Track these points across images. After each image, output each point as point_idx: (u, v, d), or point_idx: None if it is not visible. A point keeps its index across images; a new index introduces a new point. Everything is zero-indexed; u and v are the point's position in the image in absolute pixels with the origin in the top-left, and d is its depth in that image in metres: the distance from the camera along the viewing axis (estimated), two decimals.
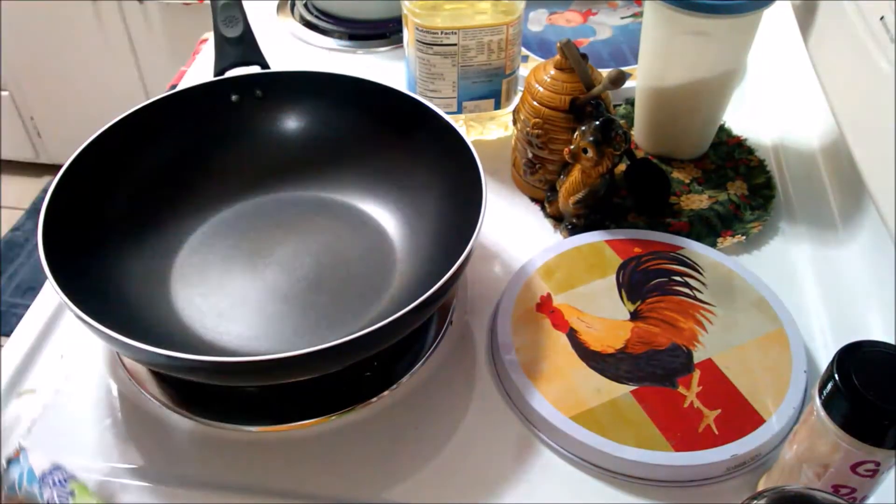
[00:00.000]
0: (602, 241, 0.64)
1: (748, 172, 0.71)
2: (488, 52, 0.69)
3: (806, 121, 0.77)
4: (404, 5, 0.68)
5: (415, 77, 0.71)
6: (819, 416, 0.41)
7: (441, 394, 0.55)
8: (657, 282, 0.60)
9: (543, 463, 0.51)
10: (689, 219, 0.67)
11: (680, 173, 0.72)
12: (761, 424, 0.51)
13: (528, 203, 0.70)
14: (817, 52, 0.63)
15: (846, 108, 0.57)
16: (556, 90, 0.64)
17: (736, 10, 0.62)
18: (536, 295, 0.59)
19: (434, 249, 0.61)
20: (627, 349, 0.56)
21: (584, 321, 0.58)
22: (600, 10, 0.91)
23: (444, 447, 0.53)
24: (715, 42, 0.64)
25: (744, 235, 0.65)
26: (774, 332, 0.57)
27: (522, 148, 0.68)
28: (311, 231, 0.64)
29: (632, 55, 0.83)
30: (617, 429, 0.51)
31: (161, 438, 0.53)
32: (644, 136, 0.74)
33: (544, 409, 0.52)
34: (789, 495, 0.35)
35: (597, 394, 0.53)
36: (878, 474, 0.41)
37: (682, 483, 0.50)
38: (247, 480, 0.50)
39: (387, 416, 0.54)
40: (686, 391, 0.53)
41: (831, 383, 0.40)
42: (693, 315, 0.58)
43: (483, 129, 0.75)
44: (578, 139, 0.61)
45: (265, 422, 0.54)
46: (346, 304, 0.59)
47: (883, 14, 0.51)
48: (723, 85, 0.68)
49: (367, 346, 0.50)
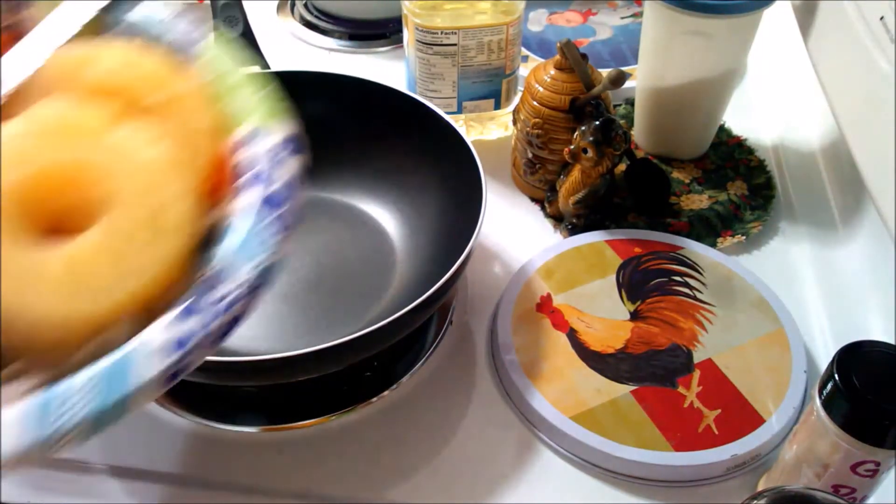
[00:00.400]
0: (602, 241, 0.64)
1: (748, 172, 0.71)
2: (488, 52, 0.69)
3: (806, 121, 0.77)
4: (404, 5, 0.68)
5: (415, 77, 0.71)
6: (819, 416, 0.41)
7: (441, 394, 0.55)
8: (657, 282, 0.60)
9: (543, 463, 0.51)
10: (689, 219, 0.67)
11: (680, 173, 0.72)
12: (761, 424, 0.51)
13: (528, 203, 0.70)
14: (817, 52, 0.63)
15: (846, 108, 0.57)
16: (556, 90, 0.64)
17: (736, 10, 0.62)
18: (536, 295, 0.59)
19: (434, 249, 0.61)
20: (627, 349, 0.56)
21: (584, 321, 0.58)
22: (600, 10, 0.91)
23: (444, 447, 0.53)
24: (715, 42, 0.64)
25: (744, 235, 0.65)
26: (774, 332, 0.57)
27: (522, 148, 0.68)
28: (311, 231, 0.64)
29: (632, 55, 0.83)
30: (617, 429, 0.51)
31: (161, 438, 0.53)
32: (644, 136, 0.74)
33: (544, 409, 0.52)
34: (789, 495, 0.35)
35: (597, 394, 0.53)
36: (878, 474, 0.41)
37: (682, 483, 0.50)
38: (247, 480, 0.50)
39: (387, 416, 0.54)
40: (686, 391, 0.53)
41: (831, 383, 0.40)
42: (693, 315, 0.58)
43: (483, 129, 0.75)
44: (578, 139, 0.61)
45: (265, 422, 0.54)
46: (346, 304, 0.59)
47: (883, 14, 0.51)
48: (723, 85, 0.68)
49: (367, 346, 0.50)
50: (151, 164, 0.34)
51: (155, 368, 0.30)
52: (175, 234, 0.34)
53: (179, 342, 0.31)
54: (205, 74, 0.39)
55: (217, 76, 0.39)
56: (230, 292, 0.32)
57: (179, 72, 0.39)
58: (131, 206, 0.33)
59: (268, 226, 0.35)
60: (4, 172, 0.33)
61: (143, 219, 0.33)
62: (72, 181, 0.34)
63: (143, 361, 0.30)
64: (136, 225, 0.33)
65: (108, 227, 0.33)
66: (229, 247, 0.34)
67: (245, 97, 0.39)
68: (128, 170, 0.34)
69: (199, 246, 0.35)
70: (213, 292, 0.32)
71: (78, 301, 0.32)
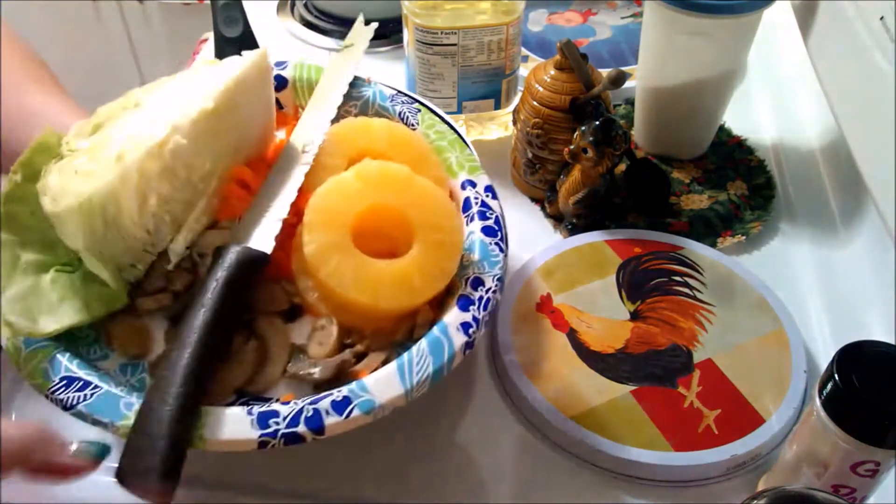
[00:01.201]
0: (602, 241, 0.64)
1: (748, 172, 0.71)
2: (488, 52, 0.69)
3: (806, 121, 0.77)
4: (404, 5, 0.68)
5: (415, 77, 0.71)
6: (819, 416, 0.41)
7: (441, 394, 0.55)
8: (657, 282, 0.60)
9: (543, 463, 0.51)
10: (689, 219, 0.67)
11: (680, 173, 0.72)
12: (761, 424, 0.51)
13: (528, 203, 0.70)
14: (817, 52, 0.63)
15: (846, 108, 0.57)
16: (556, 90, 0.64)
17: (736, 10, 0.62)
18: (536, 295, 0.59)
19: None
20: (627, 349, 0.56)
21: (584, 321, 0.58)
22: (600, 10, 0.91)
23: (445, 447, 0.53)
24: (715, 42, 0.64)
25: (744, 235, 0.65)
26: (774, 332, 0.57)
27: (522, 148, 0.68)
28: None
29: (632, 55, 0.83)
30: (617, 429, 0.51)
31: None
32: (644, 136, 0.74)
33: (544, 409, 0.52)
34: (789, 495, 0.35)
35: (597, 394, 0.53)
36: (878, 474, 0.41)
37: (682, 483, 0.50)
38: (247, 480, 0.50)
39: (387, 416, 0.54)
40: (686, 391, 0.53)
41: (831, 383, 0.40)
42: (693, 315, 0.58)
43: (483, 129, 0.75)
44: (578, 139, 0.61)
45: None
46: None
47: (883, 14, 0.51)
48: (723, 85, 0.68)
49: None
50: (441, 205, 0.51)
51: (457, 342, 0.46)
52: (456, 251, 0.49)
53: (464, 325, 0.46)
54: (428, 136, 0.58)
55: (436, 138, 0.58)
56: (485, 293, 0.48)
57: (416, 136, 0.57)
58: (429, 233, 0.49)
59: (495, 246, 0.51)
60: (347, 207, 0.49)
61: (437, 244, 0.49)
62: (388, 215, 0.49)
63: (449, 338, 0.46)
64: (434, 248, 0.49)
65: (416, 250, 0.48)
66: (476, 260, 0.50)
67: (455, 154, 0.57)
68: (426, 207, 0.50)
69: None
70: (476, 292, 0.48)
71: (401, 299, 0.48)
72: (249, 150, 0.54)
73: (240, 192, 0.52)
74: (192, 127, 0.47)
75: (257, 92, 0.53)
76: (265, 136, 0.56)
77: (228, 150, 0.51)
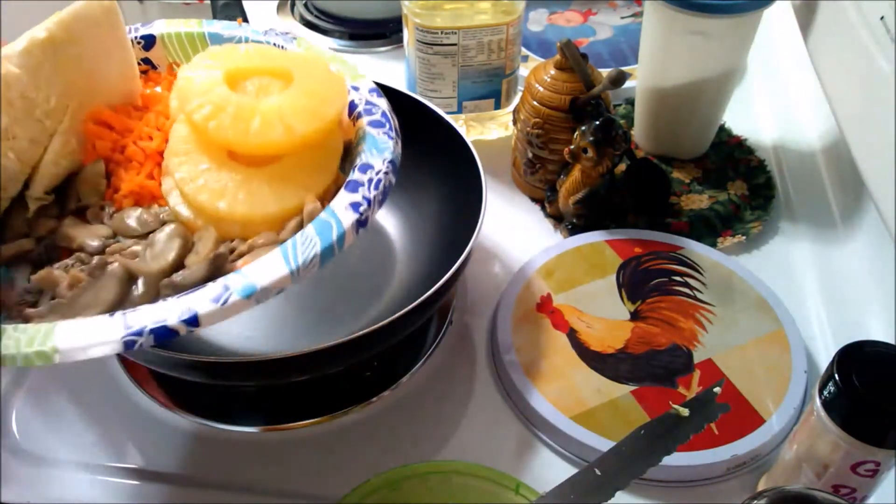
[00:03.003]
0: (602, 241, 0.64)
1: (748, 172, 0.71)
2: (488, 52, 0.69)
3: (806, 121, 0.77)
4: (404, 5, 0.68)
5: (415, 77, 0.71)
6: (819, 416, 0.41)
7: (441, 394, 0.55)
8: (657, 282, 0.60)
9: (543, 463, 0.51)
10: (689, 219, 0.67)
11: (680, 173, 0.72)
12: (761, 424, 0.51)
13: (528, 203, 0.70)
14: (817, 52, 0.63)
15: (846, 108, 0.57)
16: (556, 90, 0.64)
17: (736, 10, 0.62)
18: (536, 295, 0.59)
19: (434, 249, 0.61)
20: (627, 349, 0.56)
21: (585, 321, 0.58)
22: (600, 10, 0.91)
23: (444, 447, 0.53)
24: (715, 42, 0.64)
25: (744, 235, 0.65)
26: (774, 333, 0.57)
27: (522, 148, 0.68)
28: None
29: (632, 55, 0.83)
30: (617, 429, 0.51)
31: (161, 438, 0.53)
32: (644, 136, 0.74)
33: (544, 409, 0.52)
34: (789, 495, 0.35)
35: (597, 394, 0.53)
36: (878, 474, 0.41)
37: (682, 483, 0.50)
38: (247, 480, 0.50)
39: (387, 416, 0.54)
40: (686, 391, 0.53)
41: (831, 383, 0.40)
42: (693, 315, 0.58)
43: (483, 129, 0.75)
44: (578, 139, 0.61)
45: (265, 422, 0.54)
46: (346, 304, 0.59)
47: (883, 14, 0.51)
48: (723, 85, 0.68)
49: (367, 346, 0.50)
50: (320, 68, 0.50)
51: (347, 221, 0.43)
52: (336, 96, 0.48)
53: (354, 204, 0.44)
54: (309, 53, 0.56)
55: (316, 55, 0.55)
56: (376, 174, 0.46)
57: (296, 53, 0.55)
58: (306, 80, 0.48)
59: (384, 135, 0.49)
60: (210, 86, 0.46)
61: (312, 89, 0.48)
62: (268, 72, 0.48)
63: (337, 218, 0.43)
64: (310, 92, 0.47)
65: (293, 90, 0.47)
66: (364, 149, 0.48)
67: (336, 65, 0.54)
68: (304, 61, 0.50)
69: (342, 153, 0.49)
70: (364, 175, 0.46)
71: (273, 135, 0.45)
72: (110, 93, 0.51)
73: (101, 131, 0.49)
74: (26, 56, 0.46)
75: (103, 29, 0.50)
76: (127, 80, 0.53)
77: (77, 87, 0.48)
